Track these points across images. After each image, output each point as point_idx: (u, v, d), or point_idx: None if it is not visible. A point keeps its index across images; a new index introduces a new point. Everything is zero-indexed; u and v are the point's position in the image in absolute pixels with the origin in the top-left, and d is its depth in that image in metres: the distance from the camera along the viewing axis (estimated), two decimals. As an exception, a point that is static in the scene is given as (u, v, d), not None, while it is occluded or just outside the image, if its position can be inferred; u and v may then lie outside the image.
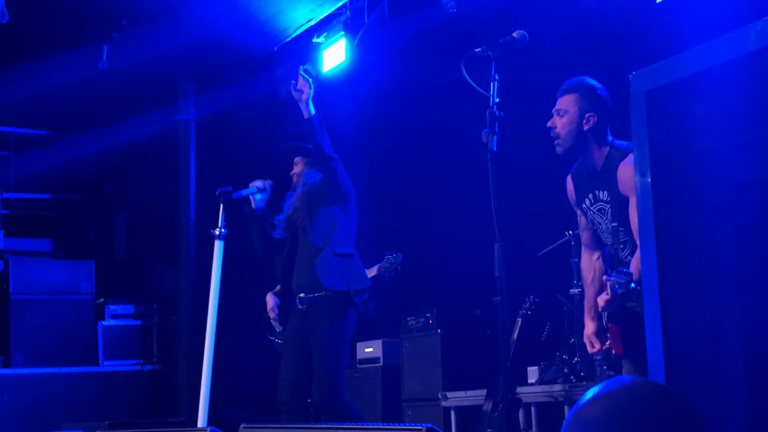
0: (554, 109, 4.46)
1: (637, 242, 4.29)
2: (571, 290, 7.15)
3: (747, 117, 2.09)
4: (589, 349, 4.66)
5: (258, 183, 6.33)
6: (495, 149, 3.95)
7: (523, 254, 6.97)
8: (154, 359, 9.85)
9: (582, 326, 6.95)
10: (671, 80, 2.17)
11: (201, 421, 5.66)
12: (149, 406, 9.51)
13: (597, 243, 4.68)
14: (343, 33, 8.02)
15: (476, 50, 4.26)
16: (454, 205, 8.73)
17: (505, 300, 3.92)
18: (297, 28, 8.42)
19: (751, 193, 2.12)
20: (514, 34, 4.29)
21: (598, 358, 4.55)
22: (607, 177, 4.39)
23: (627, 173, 4.24)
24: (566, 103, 4.43)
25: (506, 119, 4.35)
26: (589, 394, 1.60)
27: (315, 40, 8.42)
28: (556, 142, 4.46)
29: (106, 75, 9.28)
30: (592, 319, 4.60)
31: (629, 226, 4.29)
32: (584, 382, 6.61)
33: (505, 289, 3.89)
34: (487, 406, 6.59)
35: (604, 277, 4.19)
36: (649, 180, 2.17)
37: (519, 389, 6.80)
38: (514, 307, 6.76)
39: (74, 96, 9.82)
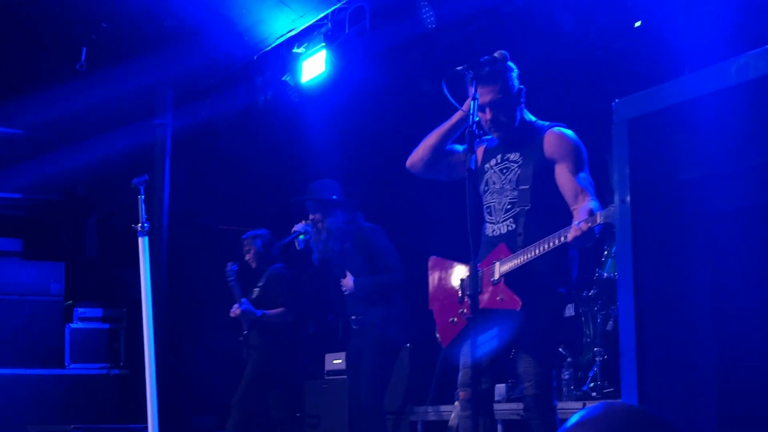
0: None
1: (574, 205, 4.17)
2: (541, 309, 7.20)
3: (726, 149, 2.14)
4: None
5: (299, 227, 6.96)
6: (473, 167, 3.95)
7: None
8: (121, 363, 9.80)
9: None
10: (654, 109, 2.21)
11: (151, 427, 5.60)
12: (115, 411, 9.45)
13: (440, 159, 4.77)
14: (323, 44, 8.05)
15: (458, 68, 4.28)
16: (429, 219, 8.76)
17: (478, 318, 3.92)
18: (277, 38, 8.44)
19: (728, 223, 2.17)
20: (496, 54, 4.32)
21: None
22: (518, 140, 4.48)
23: (557, 138, 4.41)
24: None
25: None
26: (575, 418, 1.62)
27: (295, 50, 8.45)
28: None
29: (84, 76, 9.24)
30: None
31: (540, 188, 4.36)
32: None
33: (477, 308, 3.89)
34: (454, 421, 6.60)
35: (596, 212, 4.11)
36: (629, 206, 2.21)
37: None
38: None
39: (51, 96, 9.78)
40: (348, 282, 6.84)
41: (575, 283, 4.62)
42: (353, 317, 6.85)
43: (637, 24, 7.39)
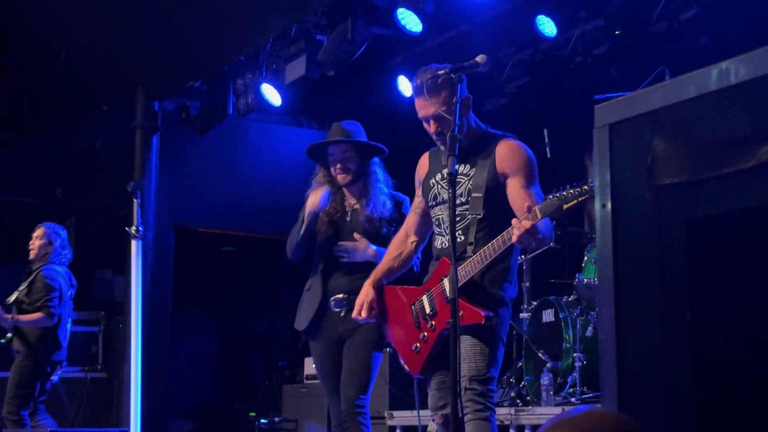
0: None
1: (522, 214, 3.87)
2: (520, 314, 7.21)
3: (707, 154, 2.14)
4: (355, 313, 4.53)
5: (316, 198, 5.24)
6: (454, 172, 3.93)
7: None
8: (99, 366, 9.74)
9: (530, 350, 7.02)
10: (635, 114, 2.21)
11: (133, 429, 5.55)
12: (92, 414, 9.40)
13: (420, 229, 4.54)
14: (305, 47, 8.05)
15: (439, 73, 4.25)
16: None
17: (457, 322, 3.88)
18: (260, 40, 8.42)
19: (708, 228, 2.17)
20: (477, 59, 4.27)
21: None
22: (469, 152, 4.26)
23: (509, 151, 4.23)
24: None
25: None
26: (551, 420, 1.62)
27: (277, 52, 8.45)
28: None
29: (64, 76, 9.19)
30: (374, 287, 4.54)
31: (493, 197, 4.18)
32: (530, 406, 6.65)
33: (457, 312, 3.85)
34: (433, 427, 6.60)
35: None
36: (610, 211, 2.21)
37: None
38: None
39: (30, 97, 9.72)
40: (362, 243, 5.16)
41: (515, 288, 4.38)
42: (339, 297, 5.10)
43: (618, 32, 7.44)
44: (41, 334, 7.47)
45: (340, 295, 5.11)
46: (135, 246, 5.79)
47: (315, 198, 5.26)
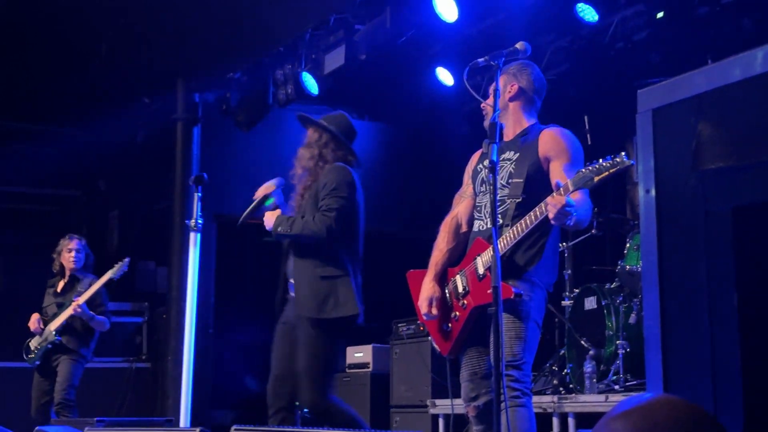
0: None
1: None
2: (562, 302, 7.18)
3: (752, 139, 2.11)
4: (425, 309, 4.41)
5: (267, 188, 5.50)
6: (496, 159, 3.91)
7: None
8: (144, 357, 9.83)
9: (573, 338, 6.99)
10: (678, 99, 2.19)
11: (183, 420, 5.60)
12: (137, 404, 9.49)
13: (471, 218, 4.52)
14: (344, 37, 8.06)
15: (479, 60, 4.23)
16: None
17: (500, 311, 3.86)
18: (299, 31, 8.44)
19: (754, 214, 2.14)
20: (517, 45, 4.26)
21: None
22: (515, 142, 4.33)
23: (552, 137, 4.26)
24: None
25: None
26: (617, 408, 1.59)
27: (316, 43, 8.46)
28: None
29: (105, 69, 9.26)
30: (437, 282, 4.45)
31: (534, 183, 4.18)
32: (573, 394, 6.63)
33: (500, 300, 3.84)
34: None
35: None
36: (654, 197, 2.19)
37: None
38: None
39: (71, 90, 9.81)
40: (270, 218, 5.37)
41: (555, 277, 4.41)
42: (292, 280, 5.36)
43: (660, 15, 7.36)
44: (93, 334, 7.95)
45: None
46: (192, 238, 5.89)
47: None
